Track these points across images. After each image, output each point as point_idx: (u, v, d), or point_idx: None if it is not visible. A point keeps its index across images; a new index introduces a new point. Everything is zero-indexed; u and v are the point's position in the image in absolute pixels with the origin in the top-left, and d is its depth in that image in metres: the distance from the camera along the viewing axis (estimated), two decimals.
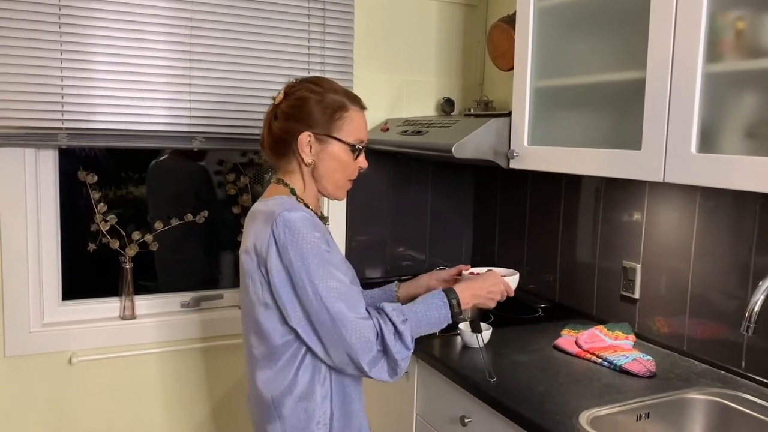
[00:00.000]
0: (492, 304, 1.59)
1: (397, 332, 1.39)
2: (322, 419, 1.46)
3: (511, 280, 1.67)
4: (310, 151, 1.49)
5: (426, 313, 1.46)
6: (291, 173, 1.54)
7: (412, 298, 1.74)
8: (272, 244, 1.39)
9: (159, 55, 2.11)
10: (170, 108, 2.14)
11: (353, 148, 1.51)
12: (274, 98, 1.56)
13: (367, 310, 1.41)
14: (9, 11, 1.91)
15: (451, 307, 1.48)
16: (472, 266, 1.77)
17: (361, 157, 1.55)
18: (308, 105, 1.48)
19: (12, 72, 1.93)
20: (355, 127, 1.52)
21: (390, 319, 1.40)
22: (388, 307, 1.42)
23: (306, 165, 1.51)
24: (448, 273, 1.77)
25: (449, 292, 1.50)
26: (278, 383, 1.45)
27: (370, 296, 1.76)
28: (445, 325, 1.50)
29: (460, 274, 1.75)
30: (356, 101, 1.54)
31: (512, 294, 1.63)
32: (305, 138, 1.48)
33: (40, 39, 1.95)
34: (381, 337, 1.38)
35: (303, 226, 1.38)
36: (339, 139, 1.50)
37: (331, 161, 1.51)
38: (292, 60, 2.31)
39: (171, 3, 2.11)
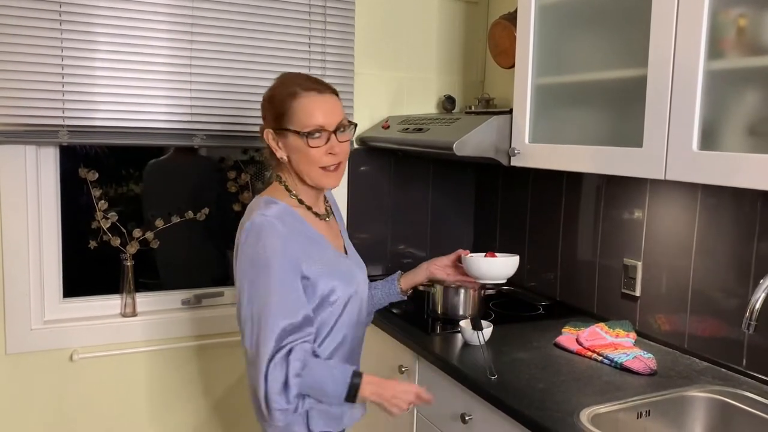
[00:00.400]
0: (394, 411, 1.45)
1: (286, 384, 1.35)
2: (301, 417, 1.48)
3: (512, 261, 1.69)
4: (278, 146, 1.51)
5: (324, 379, 1.40)
6: (282, 170, 1.56)
7: (413, 287, 1.77)
8: (239, 243, 1.44)
9: (160, 52, 2.11)
10: (171, 105, 2.14)
11: (305, 135, 1.45)
12: None
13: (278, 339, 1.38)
14: (10, 8, 1.90)
15: (350, 388, 1.40)
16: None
17: (332, 142, 1.48)
18: (264, 104, 1.52)
19: (13, 69, 1.93)
20: (307, 113, 1.45)
21: (287, 365, 1.35)
22: (299, 351, 1.37)
23: (280, 161, 1.53)
24: (447, 258, 1.78)
25: (356, 376, 1.41)
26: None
27: (373, 287, 1.76)
28: (334, 402, 1.43)
29: (459, 259, 1.77)
30: (311, 87, 1.47)
31: (416, 404, 1.50)
32: (267, 135, 1.51)
33: (41, 36, 1.95)
34: (267, 372, 1.35)
35: (267, 233, 1.41)
36: (289, 129, 1.47)
37: (295, 153, 1.49)
38: (293, 57, 2.30)
39: (172, 0, 2.11)
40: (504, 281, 1.75)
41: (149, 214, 2.38)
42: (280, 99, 1.48)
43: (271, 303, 1.38)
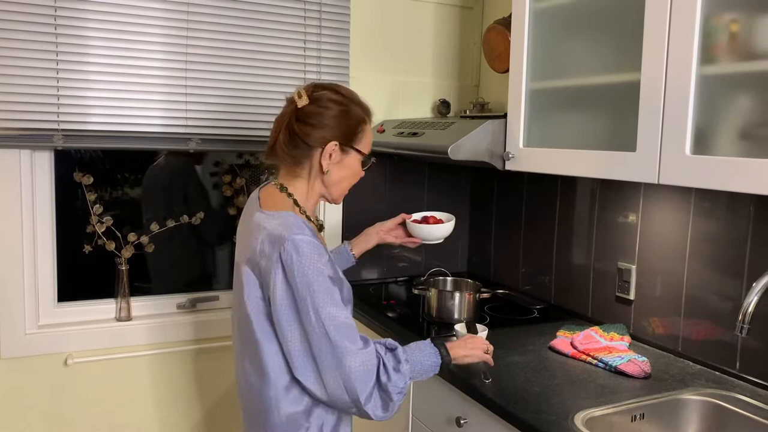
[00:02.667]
0: (483, 357, 1.58)
1: (398, 368, 1.40)
2: None
3: (447, 226, 2.01)
4: (330, 159, 1.51)
5: (421, 360, 1.47)
6: (296, 177, 1.53)
7: (364, 252, 1.95)
8: (279, 269, 1.37)
9: (155, 56, 2.11)
10: (166, 109, 2.14)
11: (366, 159, 1.58)
12: (290, 99, 1.53)
13: (362, 338, 1.40)
14: (5, 12, 1.90)
15: (442, 356, 1.50)
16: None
17: (366, 165, 1.62)
18: (334, 114, 1.49)
19: (7, 73, 1.93)
20: (369, 140, 1.58)
21: (393, 354, 1.42)
22: (394, 344, 1.45)
23: (323, 172, 1.51)
24: (392, 222, 1.98)
25: (440, 347, 1.51)
26: (270, 400, 1.45)
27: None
28: (431, 375, 1.52)
29: (403, 222, 2.00)
30: (370, 115, 1.58)
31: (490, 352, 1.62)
32: (332, 147, 1.49)
33: (35, 40, 1.95)
34: (382, 366, 1.38)
35: (310, 251, 1.37)
36: (359, 151, 1.55)
37: (346, 170, 1.55)
38: (289, 61, 2.31)
39: (167, 4, 2.11)
40: (441, 240, 2.02)
41: (145, 218, 2.37)
42: (356, 119, 1.53)
43: (343, 317, 1.38)
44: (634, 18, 1.52)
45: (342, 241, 2.08)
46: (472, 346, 1.57)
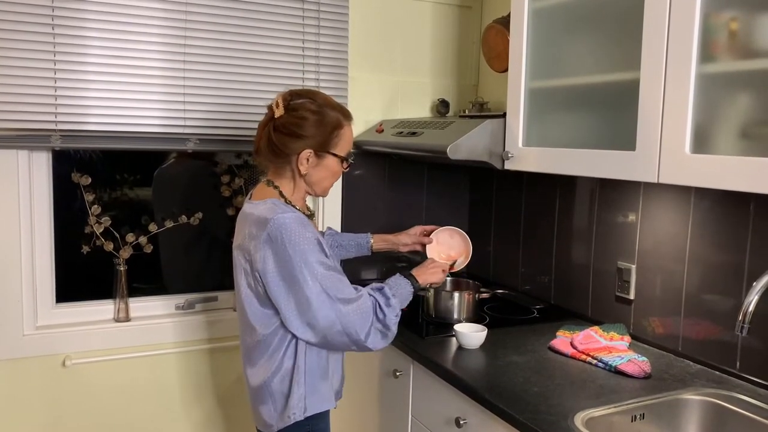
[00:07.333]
0: (440, 278, 1.83)
1: (389, 303, 1.60)
2: (298, 397, 1.62)
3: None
4: (307, 163, 1.63)
5: (402, 291, 1.68)
6: (282, 177, 1.68)
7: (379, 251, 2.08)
8: (267, 247, 1.52)
9: (153, 56, 2.10)
10: (164, 109, 2.13)
11: (344, 159, 1.68)
12: (270, 107, 1.65)
13: (355, 288, 1.59)
14: (3, 12, 1.90)
15: (413, 284, 1.72)
16: (456, 257, 2.09)
17: (345, 163, 1.71)
18: (309, 124, 1.61)
19: (5, 74, 1.92)
20: (347, 141, 1.68)
21: (382, 293, 1.62)
22: (380, 285, 1.66)
23: (301, 175, 1.65)
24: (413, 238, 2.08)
25: (409, 276, 1.74)
26: (267, 368, 1.61)
27: (347, 240, 2.05)
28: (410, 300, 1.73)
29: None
30: (348, 116, 1.68)
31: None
32: (305, 155, 1.62)
33: (33, 40, 1.94)
34: (378, 305, 1.58)
35: (296, 225, 1.53)
36: (335, 154, 1.66)
37: (325, 171, 1.67)
38: (287, 61, 2.30)
39: (165, 4, 2.10)
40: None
41: (143, 218, 2.37)
42: (331, 125, 1.63)
43: (334, 274, 1.56)
44: (633, 16, 1.52)
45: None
46: (433, 270, 1.80)
